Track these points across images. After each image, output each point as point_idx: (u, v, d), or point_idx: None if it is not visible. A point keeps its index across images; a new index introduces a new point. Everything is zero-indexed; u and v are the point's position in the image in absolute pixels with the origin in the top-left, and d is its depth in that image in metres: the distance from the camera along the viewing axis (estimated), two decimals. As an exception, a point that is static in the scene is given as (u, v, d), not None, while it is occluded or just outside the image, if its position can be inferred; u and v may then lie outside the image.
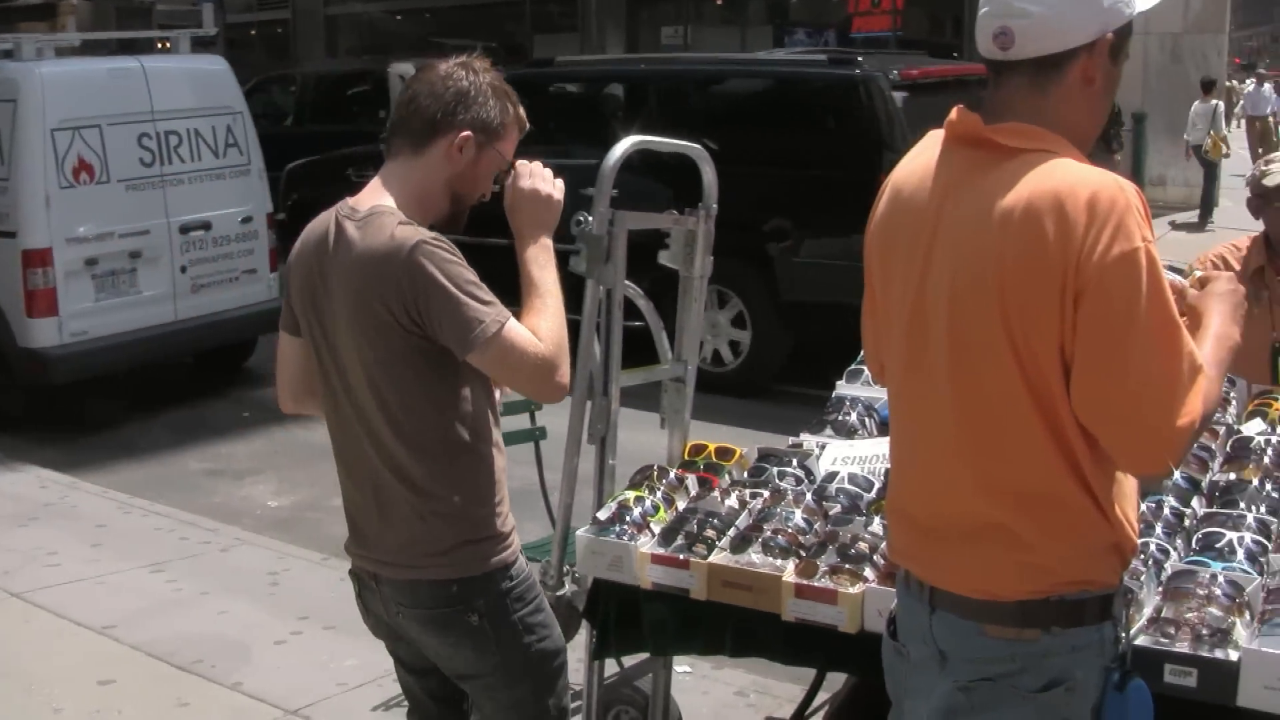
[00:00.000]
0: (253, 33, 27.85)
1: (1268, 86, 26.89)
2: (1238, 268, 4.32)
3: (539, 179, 3.03)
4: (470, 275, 2.81)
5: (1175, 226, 17.70)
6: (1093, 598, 2.35)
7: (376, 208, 2.88)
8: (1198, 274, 2.61)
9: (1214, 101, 18.95)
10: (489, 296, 2.81)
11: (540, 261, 2.97)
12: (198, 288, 9.34)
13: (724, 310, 9.63)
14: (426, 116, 2.92)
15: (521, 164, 3.04)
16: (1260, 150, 22.88)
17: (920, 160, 2.47)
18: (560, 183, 3.08)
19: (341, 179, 12.04)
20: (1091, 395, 2.21)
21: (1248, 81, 28.72)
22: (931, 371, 2.37)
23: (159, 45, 11.51)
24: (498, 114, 2.96)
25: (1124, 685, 2.37)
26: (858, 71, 9.28)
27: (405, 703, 4.82)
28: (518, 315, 2.88)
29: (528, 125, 3.05)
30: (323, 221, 2.96)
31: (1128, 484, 2.39)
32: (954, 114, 2.40)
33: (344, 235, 2.86)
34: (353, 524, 3.09)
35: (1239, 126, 26.57)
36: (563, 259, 3.08)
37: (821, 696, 4.29)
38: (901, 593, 2.58)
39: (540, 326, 2.86)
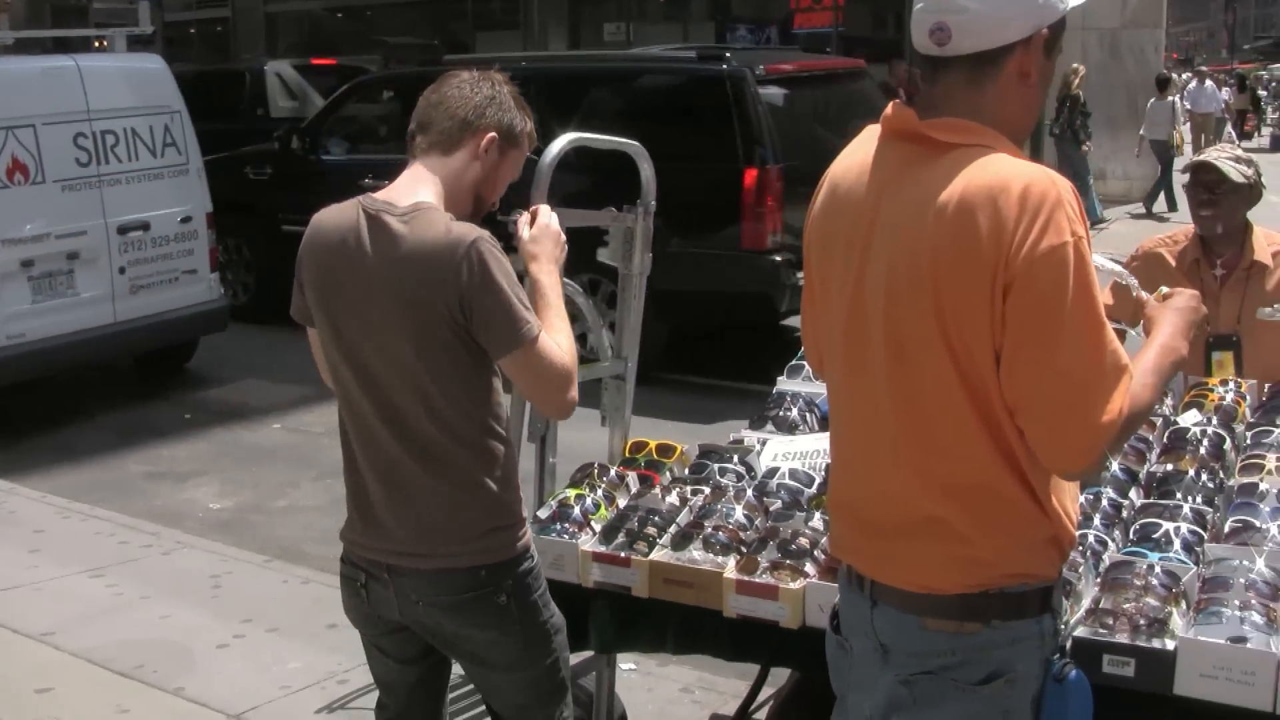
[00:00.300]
0: (192, 31, 27.59)
1: (1209, 83, 27.16)
2: (1173, 262, 4.37)
3: (554, 219, 3.22)
4: (516, 279, 2.92)
5: (1135, 217, 17.99)
6: (1032, 590, 2.36)
7: (421, 204, 2.94)
8: (1164, 290, 2.63)
9: (1170, 98, 19.24)
10: (529, 303, 2.93)
11: (555, 288, 3.11)
12: (137, 289, 9.24)
13: (598, 297, 9.69)
14: (458, 117, 3.02)
15: (542, 206, 3.24)
16: (1203, 143, 23.17)
17: (857, 155, 2.47)
18: None
19: (240, 177, 12.02)
20: (1016, 389, 2.22)
21: (1184, 75, 29.02)
22: (869, 366, 2.37)
23: (95, 44, 11.39)
24: (519, 122, 3.09)
25: (1063, 676, 2.39)
26: (724, 67, 9.55)
27: (349, 704, 4.83)
28: None
29: (537, 142, 3.20)
30: (343, 216, 3.00)
31: (1065, 477, 2.41)
32: (890, 109, 2.41)
33: (385, 229, 2.91)
34: (366, 516, 3.09)
35: (1184, 122, 26.88)
36: None
37: (766, 692, 4.30)
38: (844, 587, 2.59)
39: (560, 342, 2.97)
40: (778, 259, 9.06)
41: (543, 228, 3.18)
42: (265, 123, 14.91)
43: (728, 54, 9.91)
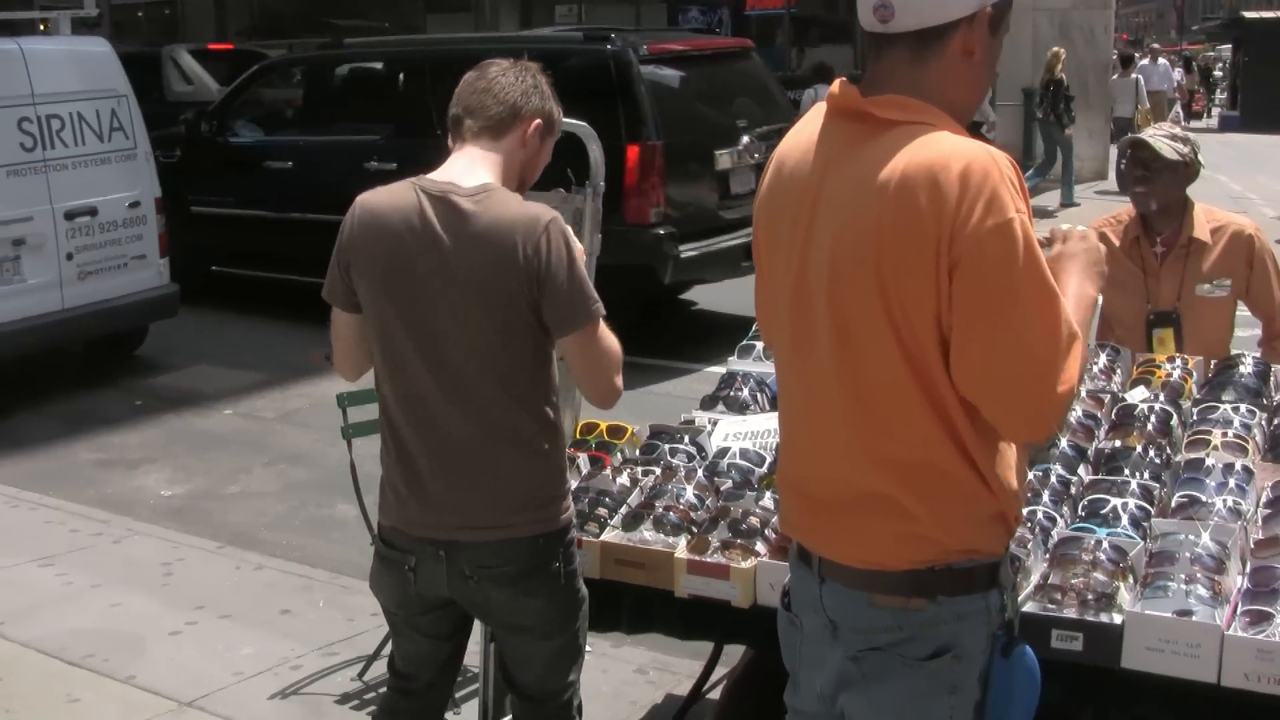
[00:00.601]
0: (140, 14, 27.34)
1: (1163, 62, 27.32)
2: (1116, 242, 4.40)
3: (569, 229, 3.27)
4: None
5: (1099, 193, 18.14)
6: (979, 565, 2.37)
7: (487, 185, 3.01)
8: (1064, 227, 2.59)
9: (1134, 76, 19.35)
10: None
11: None
12: (85, 275, 9.12)
13: None
14: (508, 102, 3.11)
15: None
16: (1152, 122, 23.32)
17: (804, 134, 2.46)
18: None
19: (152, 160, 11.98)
20: (972, 367, 2.22)
21: (1136, 54, 29.18)
22: (815, 344, 2.37)
23: (40, 26, 11.24)
24: (556, 110, 3.20)
25: (1010, 652, 2.40)
26: (609, 47, 9.81)
27: (302, 690, 4.82)
28: None
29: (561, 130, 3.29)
30: (400, 198, 3.02)
31: (1011, 453, 2.41)
32: (835, 86, 2.40)
33: (455, 209, 2.96)
34: (419, 495, 3.10)
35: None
36: None
37: (720, 671, 4.31)
38: (793, 564, 2.59)
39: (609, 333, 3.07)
40: (661, 232, 9.35)
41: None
42: (162, 106, 14.84)
43: (613, 34, 10.14)
